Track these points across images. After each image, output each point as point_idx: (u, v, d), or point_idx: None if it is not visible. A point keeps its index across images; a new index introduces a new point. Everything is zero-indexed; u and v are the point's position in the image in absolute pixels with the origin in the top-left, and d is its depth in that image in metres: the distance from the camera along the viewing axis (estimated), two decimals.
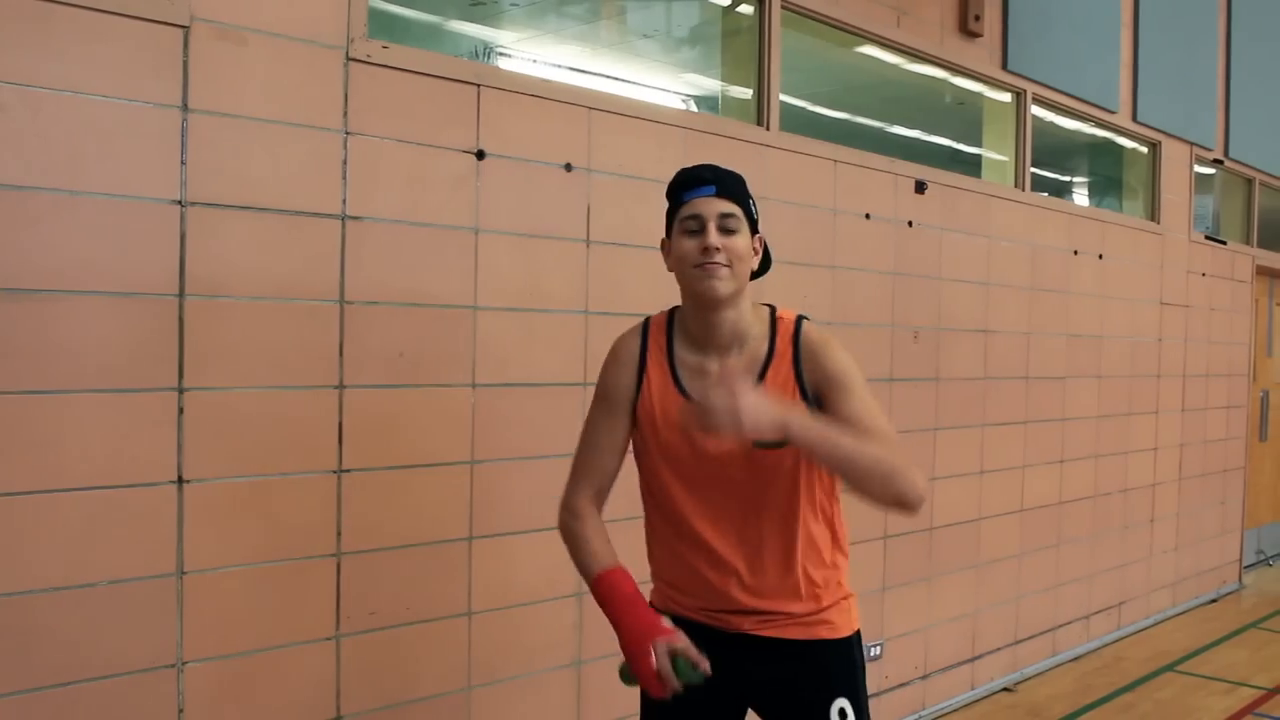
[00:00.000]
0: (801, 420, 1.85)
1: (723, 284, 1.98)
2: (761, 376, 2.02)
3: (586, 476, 2.13)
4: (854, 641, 2.15)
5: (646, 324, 2.15)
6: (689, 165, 2.11)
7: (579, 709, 3.24)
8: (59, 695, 2.26)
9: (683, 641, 1.91)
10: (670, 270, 2.08)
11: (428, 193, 2.83)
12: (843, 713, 2.08)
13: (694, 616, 2.11)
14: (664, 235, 2.10)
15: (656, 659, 1.87)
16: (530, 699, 3.12)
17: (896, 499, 1.89)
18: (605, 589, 1.99)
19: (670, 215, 2.07)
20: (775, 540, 2.06)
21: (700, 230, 1.99)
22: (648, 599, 2.19)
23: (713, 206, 2.00)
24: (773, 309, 2.10)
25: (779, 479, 2.03)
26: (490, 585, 2.99)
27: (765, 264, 2.13)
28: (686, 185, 2.04)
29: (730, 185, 2.03)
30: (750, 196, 2.06)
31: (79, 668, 2.28)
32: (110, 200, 2.30)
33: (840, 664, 2.12)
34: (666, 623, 1.94)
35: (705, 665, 1.89)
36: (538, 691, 3.14)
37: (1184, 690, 5.12)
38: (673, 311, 2.14)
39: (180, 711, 2.42)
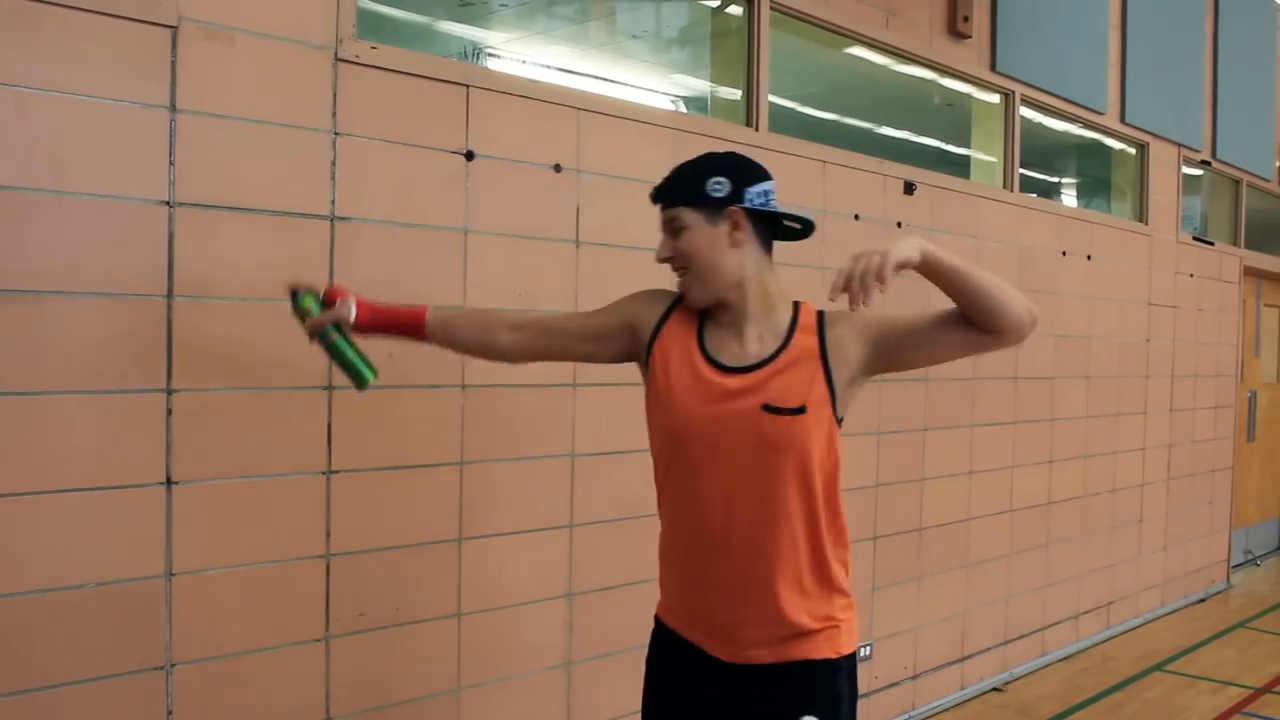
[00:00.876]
0: (937, 245, 1.91)
1: (689, 287, 2.05)
2: (784, 344, 2.02)
3: (536, 318, 2.21)
4: (840, 665, 2.02)
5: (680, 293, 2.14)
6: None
7: (569, 710, 3.24)
8: (47, 697, 2.25)
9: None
10: None
11: (416, 193, 2.83)
12: None
13: (685, 633, 2.08)
14: None
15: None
16: (520, 700, 3.12)
17: (1025, 310, 1.94)
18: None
19: None
20: (773, 538, 1.98)
21: None
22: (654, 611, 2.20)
23: (662, 216, 2.06)
24: (796, 302, 2.11)
25: (786, 461, 1.96)
26: (480, 586, 2.99)
27: (789, 227, 2.12)
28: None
29: (666, 189, 2.05)
30: (700, 179, 2.00)
31: (67, 670, 2.27)
32: (98, 201, 2.29)
33: (820, 684, 2.00)
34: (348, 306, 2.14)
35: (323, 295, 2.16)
36: (528, 692, 3.13)
37: (1172, 689, 5.14)
38: None
39: (169, 713, 2.41)
